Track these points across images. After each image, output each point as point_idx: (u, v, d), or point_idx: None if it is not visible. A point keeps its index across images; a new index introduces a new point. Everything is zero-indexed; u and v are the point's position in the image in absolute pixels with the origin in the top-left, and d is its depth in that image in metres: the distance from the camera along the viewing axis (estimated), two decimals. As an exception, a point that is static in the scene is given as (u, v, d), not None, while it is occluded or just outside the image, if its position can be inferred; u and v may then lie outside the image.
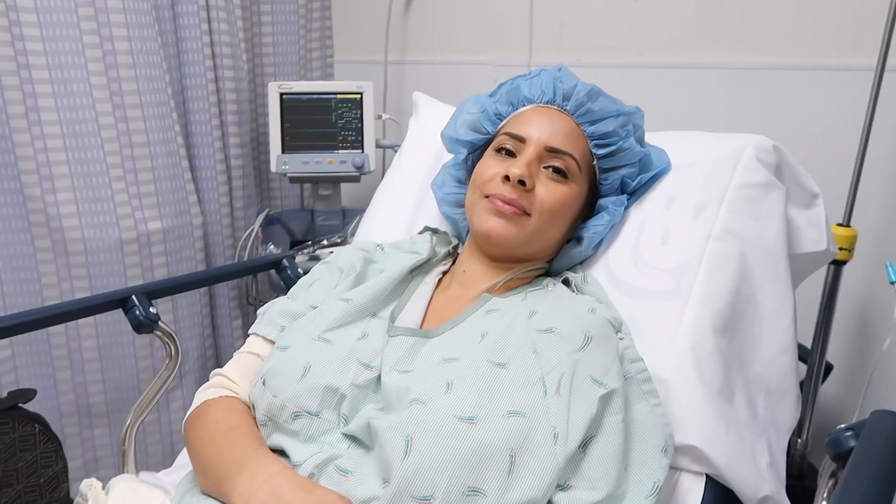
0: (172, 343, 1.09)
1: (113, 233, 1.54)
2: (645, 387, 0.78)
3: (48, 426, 1.00)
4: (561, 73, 0.96)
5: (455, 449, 0.66)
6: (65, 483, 1.08)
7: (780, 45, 1.40)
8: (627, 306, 0.89)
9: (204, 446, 0.78)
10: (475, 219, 0.91)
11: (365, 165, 1.72)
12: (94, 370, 1.59)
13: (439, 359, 0.78)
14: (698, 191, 0.96)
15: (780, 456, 0.88)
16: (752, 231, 0.93)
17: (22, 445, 0.95)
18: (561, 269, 0.97)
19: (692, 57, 1.52)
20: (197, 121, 1.73)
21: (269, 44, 1.93)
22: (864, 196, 1.23)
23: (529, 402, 0.70)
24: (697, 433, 0.80)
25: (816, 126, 1.37)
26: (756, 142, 0.98)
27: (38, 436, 0.98)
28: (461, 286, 0.93)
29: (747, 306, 0.90)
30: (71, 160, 1.49)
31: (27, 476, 0.96)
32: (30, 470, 0.96)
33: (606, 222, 0.95)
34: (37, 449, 0.97)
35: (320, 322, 0.84)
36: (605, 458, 0.69)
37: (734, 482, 0.80)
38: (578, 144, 0.92)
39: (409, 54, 2.06)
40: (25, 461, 0.95)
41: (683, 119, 1.51)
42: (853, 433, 0.72)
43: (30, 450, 0.96)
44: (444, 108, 1.29)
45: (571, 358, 0.74)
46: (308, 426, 0.76)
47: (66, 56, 1.45)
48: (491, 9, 1.84)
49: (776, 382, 0.90)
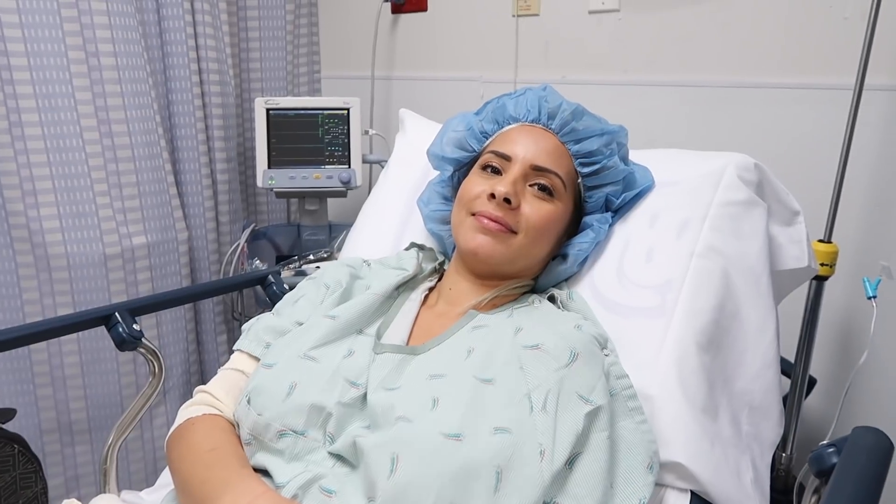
0: (156, 360, 1.08)
1: (97, 248, 1.53)
2: (630, 403, 0.79)
3: (28, 447, 0.99)
4: (546, 92, 0.97)
5: (441, 466, 0.65)
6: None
7: (762, 63, 1.42)
8: (612, 323, 0.90)
9: (187, 466, 0.77)
10: (461, 236, 0.91)
11: (352, 181, 1.72)
12: (77, 387, 1.57)
13: (425, 375, 0.78)
14: (681, 209, 0.97)
15: (764, 472, 0.88)
16: (735, 248, 0.94)
17: (1, 467, 0.93)
18: (546, 286, 0.98)
19: (675, 75, 1.54)
20: (183, 136, 1.73)
21: (256, 59, 1.94)
22: (844, 212, 1.24)
23: (516, 418, 0.70)
24: (682, 450, 0.80)
25: (797, 143, 1.39)
26: (738, 160, 0.99)
27: (17, 456, 0.96)
28: (447, 303, 0.94)
29: (731, 323, 0.91)
30: (55, 175, 1.48)
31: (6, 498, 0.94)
32: (9, 491, 0.94)
33: (591, 240, 0.96)
34: (16, 470, 0.96)
35: (306, 339, 0.84)
36: (591, 476, 0.69)
37: (718, 498, 0.80)
38: (563, 163, 0.93)
39: (397, 70, 2.07)
40: (4, 482, 0.94)
41: (666, 136, 1.53)
42: (835, 450, 0.73)
43: (9, 471, 0.94)
44: (431, 124, 1.30)
45: (558, 374, 0.74)
46: (293, 445, 0.76)
47: (51, 71, 1.45)
48: (477, 26, 1.86)
49: (760, 398, 0.91)
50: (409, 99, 2.03)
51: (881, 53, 1.22)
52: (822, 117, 1.34)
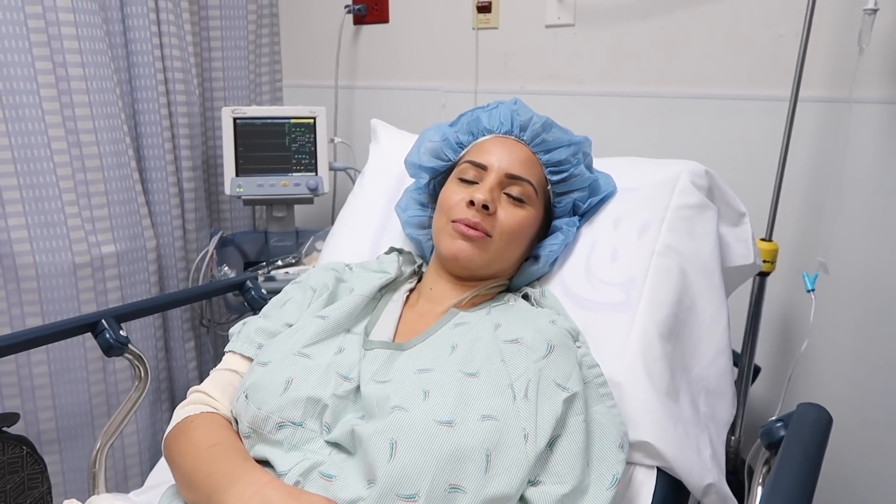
0: (142, 365, 1.10)
1: (66, 257, 1.53)
2: (601, 390, 0.86)
3: (35, 448, 1.01)
4: (517, 105, 1.04)
5: (436, 450, 0.71)
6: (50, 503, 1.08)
7: (707, 76, 1.53)
8: (582, 318, 0.98)
9: (189, 462, 0.81)
10: (442, 242, 0.98)
11: (319, 187, 1.76)
12: (46, 396, 1.56)
13: (414, 369, 0.84)
14: (642, 212, 1.06)
15: (720, 448, 0.98)
16: (690, 247, 1.03)
17: (10, 467, 0.95)
18: (520, 285, 1.05)
19: (628, 86, 1.63)
20: (150, 144, 1.74)
21: (218, 68, 1.96)
22: (783, 213, 1.35)
23: (501, 406, 0.76)
24: (649, 430, 0.89)
25: (740, 150, 1.49)
26: (690, 167, 1.09)
27: (25, 458, 0.98)
28: (428, 302, 1.00)
29: (688, 315, 1.00)
30: (22, 184, 1.48)
31: (15, 497, 0.96)
32: (18, 491, 0.96)
33: (561, 241, 1.04)
34: (24, 471, 0.97)
35: (298, 338, 0.89)
36: (570, 455, 0.76)
37: (682, 473, 0.89)
38: (535, 171, 1.00)
39: (359, 80, 2.12)
40: (14, 483, 0.95)
41: (619, 144, 1.61)
42: (783, 424, 0.82)
43: (17, 471, 0.96)
44: (402, 134, 1.36)
45: (537, 365, 0.81)
46: (292, 435, 0.80)
47: (19, 81, 1.45)
48: (438, 38, 1.92)
49: (715, 382, 1.00)
50: (371, 108, 2.08)
51: (813, 68, 1.34)
52: (762, 126, 1.45)
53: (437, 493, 0.69)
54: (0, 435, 0.96)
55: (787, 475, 0.70)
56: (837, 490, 1.48)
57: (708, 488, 0.90)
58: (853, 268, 1.40)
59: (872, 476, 1.45)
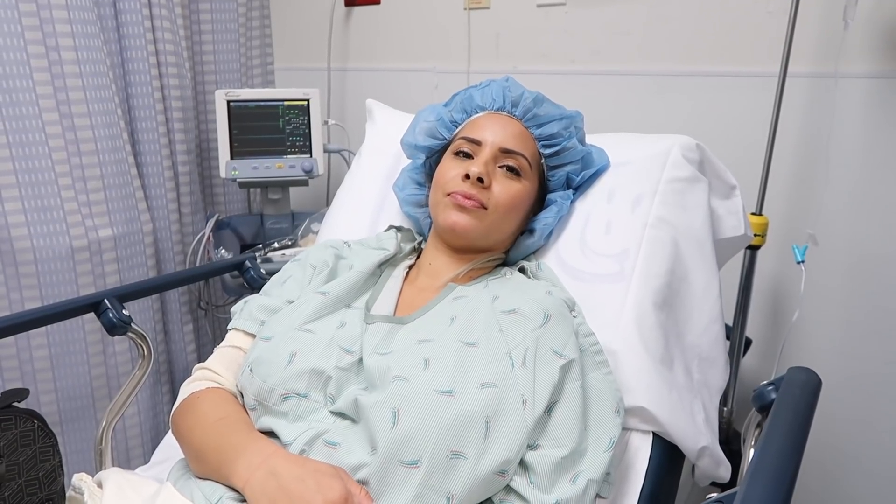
0: (145, 343, 1.12)
1: (63, 241, 1.54)
2: (597, 357, 0.89)
3: (45, 422, 1.02)
4: (509, 83, 1.06)
5: (437, 418, 0.73)
6: (61, 476, 1.10)
7: (697, 54, 1.54)
8: (578, 289, 1.00)
9: (198, 436, 0.83)
10: (439, 215, 1.00)
11: (314, 169, 1.78)
12: (47, 379, 1.58)
13: (414, 341, 0.86)
14: (634, 185, 1.08)
15: (713, 413, 1.01)
16: (682, 219, 1.06)
17: (22, 441, 0.97)
18: (516, 259, 1.07)
19: (618, 65, 1.65)
20: (144, 128, 1.74)
21: (209, 52, 1.96)
22: (772, 187, 1.38)
23: (499, 374, 0.78)
24: (644, 396, 0.91)
25: (730, 126, 1.51)
26: (682, 142, 1.11)
27: (36, 431, 1.00)
28: (428, 277, 1.02)
29: (681, 285, 1.03)
30: (18, 169, 1.49)
31: (27, 470, 0.98)
32: (30, 464, 0.98)
33: (555, 214, 1.06)
34: (36, 444, 0.99)
35: (300, 314, 0.91)
36: (567, 420, 0.79)
37: (676, 437, 0.91)
38: (528, 145, 1.02)
39: (351, 61, 2.13)
40: (26, 456, 0.97)
41: (611, 121, 1.62)
42: (774, 387, 0.84)
43: (29, 445, 0.98)
44: (398, 114, 1.38)
45: (534, 334, 0.83)
46: (297, 406, 0.82)
47: (12, 66, 1.45)
48: (430, 19, 1.93)
49: (707, 350, 1.03)
50: (364, 90, 2.09)
51: (801, 44, 1.36)
52: (751, 102, 1.47)
53: (439, 458, 0.71)
54: (11, 409, 0.98)
55: (778, 435, 0.72)
56: (828, 454, 1.52)
57: (702, 451, 0.93)
58: (841, 239, 1.42)
59: (861, 441, 1.49)
